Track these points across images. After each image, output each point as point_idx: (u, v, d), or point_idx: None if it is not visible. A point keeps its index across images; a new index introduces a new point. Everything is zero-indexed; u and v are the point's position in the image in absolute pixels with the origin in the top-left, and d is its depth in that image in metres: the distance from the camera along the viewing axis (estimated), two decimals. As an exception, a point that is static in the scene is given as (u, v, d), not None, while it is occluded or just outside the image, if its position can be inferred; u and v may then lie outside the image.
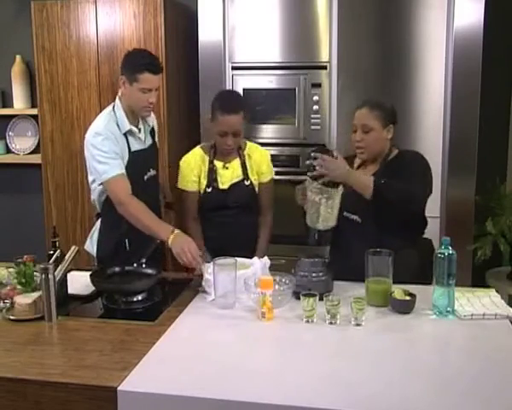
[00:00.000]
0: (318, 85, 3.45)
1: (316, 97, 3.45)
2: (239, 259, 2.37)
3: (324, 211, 2.39)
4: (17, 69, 4.21)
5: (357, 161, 2.66)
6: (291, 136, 3.52)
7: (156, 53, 3.49)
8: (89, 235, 2.87)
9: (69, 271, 2.38)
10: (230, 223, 2.82)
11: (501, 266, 3.82)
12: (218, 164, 2.84)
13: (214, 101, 2.79)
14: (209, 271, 2.30)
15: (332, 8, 3.35)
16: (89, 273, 2.40)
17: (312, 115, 3.47)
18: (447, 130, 3.32)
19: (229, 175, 2.84)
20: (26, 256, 2.47)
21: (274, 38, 3.49)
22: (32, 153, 4.31)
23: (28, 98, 4.25)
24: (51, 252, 2.41)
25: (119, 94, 2.67)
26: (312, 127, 3.48)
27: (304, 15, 3.41)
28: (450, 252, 2.11)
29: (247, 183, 2.85)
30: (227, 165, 2.84)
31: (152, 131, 2.83)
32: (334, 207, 2.40)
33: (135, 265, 2.50)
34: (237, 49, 3.52)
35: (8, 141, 4.38)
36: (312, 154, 2.36)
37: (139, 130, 2.70)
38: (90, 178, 2.68)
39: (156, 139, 2.90)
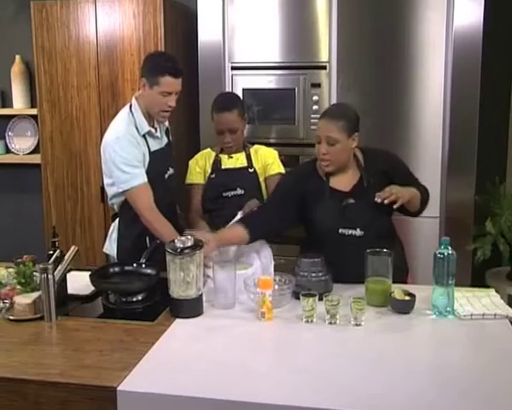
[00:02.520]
0: (318, 85, 3.45)
1: (315, 97, 3.45)
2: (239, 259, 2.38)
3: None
4: (16, 69, 4.21)
5: (321, 170, 2.53)
6: (290, 136, 3.52)
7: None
8: (107, 237, 2.89)
9: (69, 271, 2.37)
10: (233, 214, 2.79)
11: (500, 266, 3.82)
12: (223, 156, 2.93)
13: (212, 102, 2.92)
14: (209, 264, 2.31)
15: (332, 8, 3.35)
16: (88, 273, 2.40)
17: (312, 115, 3.47)
18: (447, 130, 3.31)
19: (232, 162, 2.92)
20: (25, 256, 2.47)
21: (274, 38, 3.48)
22: (31, 153, 4.31)
23: (28, 98, 4.25)
24: (51, 252, 2.41)
25: (137, 95, 2.71)
26: (312, 127, 3.47)
27: (303, 15, 3.40)
28: (450, 252, 2.12)
29: (250, 170, 2.90)
30: (232, 155, 2.92)
31: (167, 130, 2.88)
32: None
33: (134, 265, 2.50)
34: (237, 49, 3.51)
35: (7, 141, 4.38)
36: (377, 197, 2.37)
37: (155, 129, 2.74)
38: (109, 181, 2.69)
39: (170, 138, 2.92)
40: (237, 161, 2.91)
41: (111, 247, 2.83)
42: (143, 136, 2.67)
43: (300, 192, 2.53)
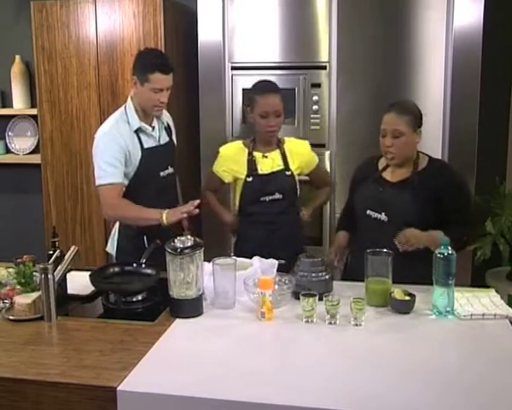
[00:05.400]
0: (318, 85, 3.45)
1: (315, 97, 3.45)
2: (239, 259, 2.38)
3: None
4: (17, 69, 4.21)
5: (381, 163, 2.64)
6: (291, 136, 3.50)
7: (156, 53, 3.51)
8: (109, 237, 2.92)
9: (69, 271, 2.37)
10: (271, 219, 2.82)
11: (500, 266, 3.82)
12: (257, 154, 2.86)
13: (251, 88, 2.88)
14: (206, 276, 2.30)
15: (332, 8, 3.35)
16: (88, 273, 2.40)
17: (312, 115, 3.47)
18: (447, 130, 3.32)
19: (269, 164, 2.85)
20: (25, 256, 2.47)
21: (274, 38, 3.48)
22: (31, 153, 4.31)
23: (28, 98, 4.25)
24: (51, 252, 2.41)
25: (131, 94, 2.72)
26: (312, 127, 3.48)
27: (303, 15, 3.40)
28: (450, 252, 2.12)
29: (287, 172, 2.85)
30: (266, 154, 2.86)
31: (168, 129, 2.88)
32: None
33: (134, 265, 2.50)
34: (237, 49, 3.51)
35: (7, 141, 4.39)
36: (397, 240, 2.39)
37: (153, 128, 2.75)
38: None
39: (173, 137, 2.92)
40: (273, 162, 2.84)
41: (112, 246, 2.86)
42: (136, 132, 2.68)
43: (356, 181, 2.73)
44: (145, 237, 2.68)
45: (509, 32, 3.84)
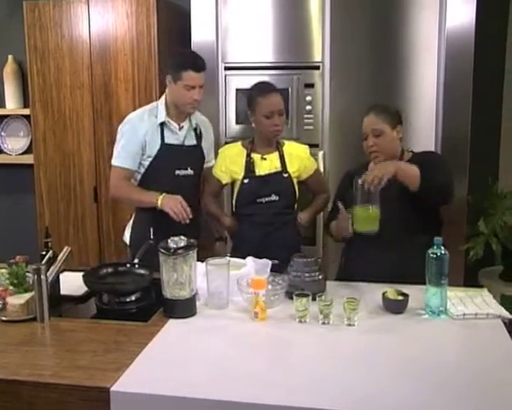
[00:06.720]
0: (311, 86, 3.45)
1: (309, 97, 3.45)
2: (232, 259, 2.38)
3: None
4: (9, 69, 4.19)
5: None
6: (284, 136, 3.50)
7: (149, 53, 3.53)
8: (126, 226, 3.02)
9: (62, 271, 2.37)
10: (268, 220, 2.83)
11: (493, 265, 3.84)
12: (256, 156, 2.87)
13: (251, 91, 2.91)
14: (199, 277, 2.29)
15: (325, 8, 3.35)
16: (81, 274, 2.39)
17: (305, 115, 3.47)
18: (439, 130, 3.32)
19: (267, 166, 2.87)
20: (18, 257, 2.46)
21: (267, 39, 3.48)
22: (24, 153, 4.30)
23: (20, 98, 4.23)
24: (44, 253, 2.40)
25: (166, 92, 2.84)
26: (305, 127, 3.48)
27: (297, 16, 3.41)
28: (443, 252, 2.12)
29: (285, 175, 2.86)
30: (265, 156, 2.87)
31: (198, 133, 2.93)
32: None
33: (128, 265, 2.50)
34: (230, 49, 3.51)
35: (0, 141, 4.37)
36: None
37: (181, 127, 2.84)
38: None
39: (202, 143, 2.96)
40: (271, 163, 2.86)
41: (127, 234, 2.97)
42: (161, 125, 2.80)
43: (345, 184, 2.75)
44: (151, 228, 2.68)
45: (501, 32, 3.85)
